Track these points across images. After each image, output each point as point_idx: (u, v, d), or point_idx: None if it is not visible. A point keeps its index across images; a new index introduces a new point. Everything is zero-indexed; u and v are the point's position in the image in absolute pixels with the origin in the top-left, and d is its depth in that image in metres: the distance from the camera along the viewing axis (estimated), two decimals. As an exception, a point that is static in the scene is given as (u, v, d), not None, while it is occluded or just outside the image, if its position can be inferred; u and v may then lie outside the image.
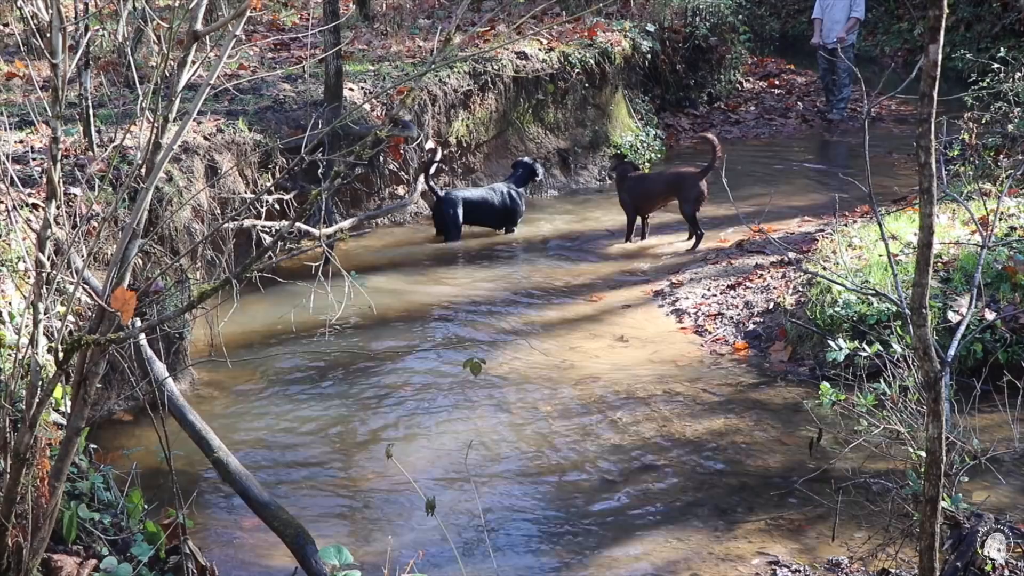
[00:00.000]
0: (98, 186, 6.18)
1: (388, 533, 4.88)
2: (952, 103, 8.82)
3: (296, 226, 3.90)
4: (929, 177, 3.06)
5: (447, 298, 7.99)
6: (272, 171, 8.49)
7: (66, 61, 3.09)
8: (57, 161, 3.12)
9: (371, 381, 6.54)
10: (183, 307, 3.17)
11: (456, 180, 10.33)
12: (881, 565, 4.51)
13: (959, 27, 15.53)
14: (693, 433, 5.88)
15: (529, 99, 10.93)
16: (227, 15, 3.00)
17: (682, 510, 5.17)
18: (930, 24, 2.98)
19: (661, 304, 7.82)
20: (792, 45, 17.63)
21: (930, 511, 3.35)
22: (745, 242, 8.88)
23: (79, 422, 3.23)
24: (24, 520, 3.28)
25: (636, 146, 11.70)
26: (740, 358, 6.87)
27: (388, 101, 9.70)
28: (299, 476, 5.50)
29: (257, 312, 7.38)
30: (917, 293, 3.19)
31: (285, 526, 4.00)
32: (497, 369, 6.65)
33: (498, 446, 5.75)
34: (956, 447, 4.31)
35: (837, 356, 5.00)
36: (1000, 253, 6.53)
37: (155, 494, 4.43)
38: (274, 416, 6.11)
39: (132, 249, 3.11)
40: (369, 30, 11.94)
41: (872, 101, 11.63)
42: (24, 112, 7.22)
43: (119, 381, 5.80)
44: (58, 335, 3.20)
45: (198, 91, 3.26)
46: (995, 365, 5.74)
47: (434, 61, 6.93)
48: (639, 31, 12.39)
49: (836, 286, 6.52)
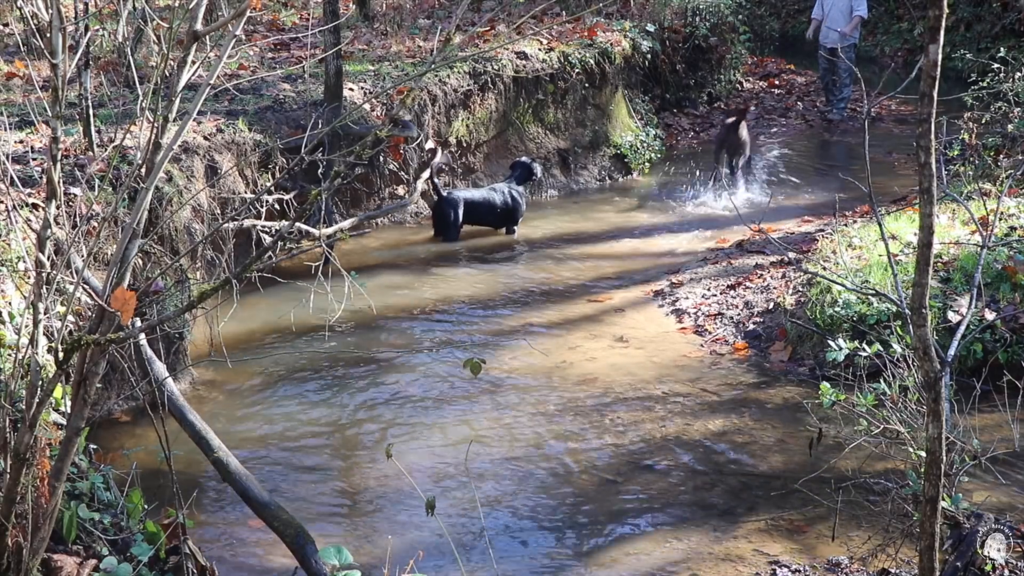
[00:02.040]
0: (98, 186, 6.18)
1: (388, 533, 4.89)
2: (952, 103, 8.83)
3: (296, 226, 3.90)
4: (929, 177, 3.06)
5: (447, 298, 7.99)
6: (272, 171, 8.49)
7: (66, 61, 3.09)
8: (57, 161, 3.12)
9: (371, 381, 6.54)
10: (183, 307, 3.17)
11: (456, 180, 10.32)
12: (881, 565, 4.52)
13: (959, 27, 15.52)
14: (693, 433, 5.89)
15: (529, 99, 10.92)
16: (227, 15, 3.00)
17: (682, 510, 5.17)
18: (930, 24, 2.98)
19: (661, 304, 7.82)
20: (792, 45, 17.60)
21: (930, 511, 3.35)
22: (745, 242, 8.87)
23: (79, 422, 3.23)
24: (24, 520, 3.28)
25: (636, 146, 11.70)
26: (740, 358, 6.87)
27: (388, 101, 9.70)
28: (299, 476, 5.50)
29: (257, 312, 7.38)
30: (917, 293, 3.19)
31: (285, 526, 4.00)
32: (497, 369, 6.65)
33: (498, 446, 5.75)
34: (956, 447, 4.31)
35: (837, 356, 4.99)
36: (1000, 253, 6.53)
37: (155, 494, 4.44)
38: (274, 416, 6.12)
39: (132, 249, 3.11)
40: (369, 30, 11.93)
41: (872, 101, 11.64)
42: (24, 112, 7.22)
43: (119, 381, 5.80)
44: (58, 335, 3.20)
45: (198, 91, 3.26)
46: (995, 365, 5.74)
47: (434, 61, 6.93)
48: (639, 31, 12.38)
49: (836, 286, 6.52)
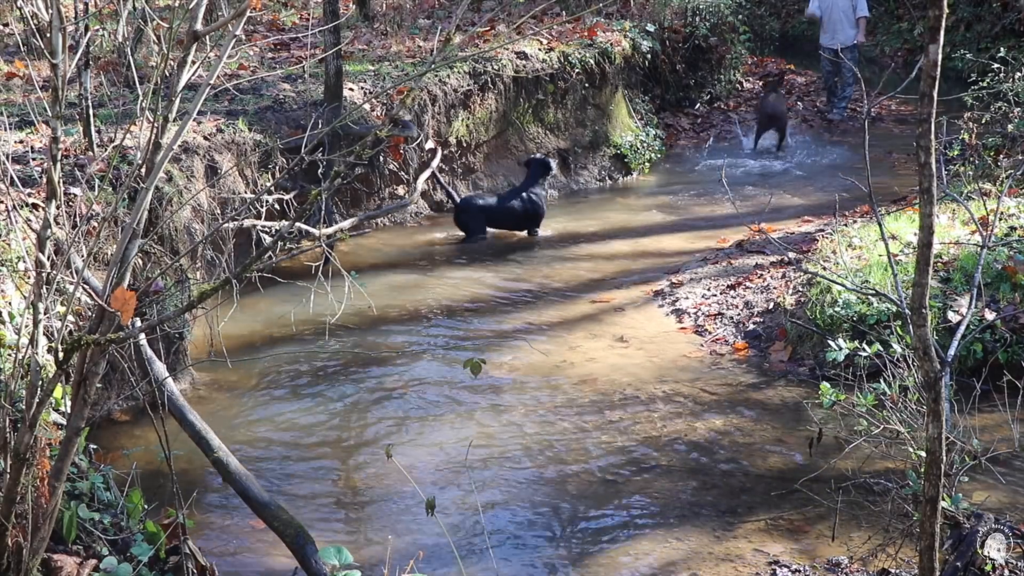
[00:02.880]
0: (98, 186, 6.18)
1: (388, 533, 4.89)
2: (952, 103, 8.83)
3: (296, 226, 3.89)
4: (929, 177, 3.06)
5: (447, 298, 7.99)
6: (272, 171, 8.49)
7: (66, 61, 3.09)
8: (57, 161, 3.12)
9: (371, 381, 6.54)
10: (183, 307, 3.17)
11: (456, 180, 10.32)
12: (881, 565, 4.52)
13: (959, 27, 15.51)
14: (693, 433, 5.89)
15: (529, 99, 10.92)
16: (227, 15, 3.00)
17: (682, 510, 5.17)
18: (930, 24, 2.98)
19: (661, 304, 7.81)
20: (792, 45, 17.61)
21: (930, 511, 3.35)
22: (745, 242, 8.87)
23: (79, 422, 3.23)
24: (24, 520, 3.28)
25: (636, 146, 11.70)
26: (740, 358, 6.86)
27: (388, 101, 9.70)
28: (299, 476, 5.50)
29: (257, 312, 7.38)
30: (917, 293, 3.19)
31: (285, 526, 4.00)
32: (497, 369, 6.65)
33: (498, 446, 5.75)
34: (956, 447, 4.31)
35: (837, 356, 4.99)
36: (1000, 253, 6.53)
37: (155, 494, 4.44)
38: (274, 416, 6.12)
39: (132, 249, 3.11)
40: (369, 30, 11.93)
41: (872, 101, 11.63)
42: (24, 112, 7.22)
43: (119, 381, 5.80)
44: (58, 335, 3.20)
45: (198, 91, 3.26)
46: (995, 365, 5.74)
47: (434, 61, 6.92)
48: (639, 31, 12.38)
49: (836, 286, 6.52)
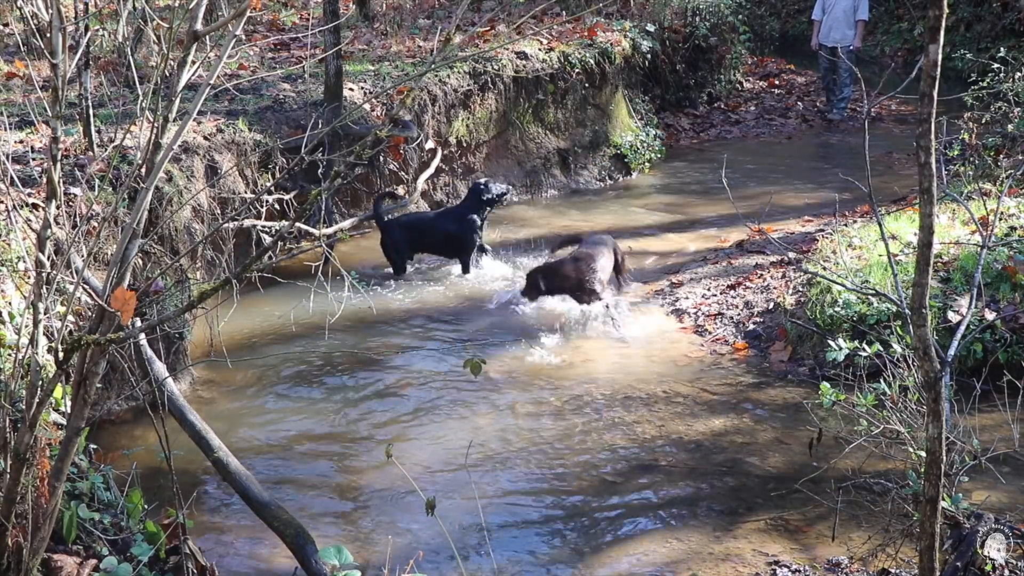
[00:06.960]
0: (98, 186, 6.18)
1: (388, 533, 4.89)
2: (952, 103, 8.83)
3: (296, 226, 3.90)
4: (929, 177, 3.06)
5: (447, 298, 7.99)
6: (272, 171, 8.49)
7: (66, 61, 3.09)
8: (57, 161, 3.12)
9: (371, 381, 6.54)
10: (183, 307, 3.17)
11: (456, 180, 10.32)
12: (881, 565, 4.52)
13: (959, 27, 15.52)
14: (693, 433, 5.89)
15: (529, 99, 10.92)
16: (227, 15, 3.00)
17: (682, 510, 5.17)
18: (930, 24, 2.98)
19: (661, 304, 7.81)
20: (792, 45, 17.62)
21: (930, 511, 3.35)
22: (745, 242, 8.87)
23: (79, 422, 3.23)
24: (24, 520, 3.28)
25: (636, 146, 11.70)
26: (740, 358, 6.86)
27: (388, 101, 9.70)
28: (299, 476, 5.50)
29: (257, 312, 7.38)
30: (917, 293, 3.19)
31: (285, 526, 4.00)
32: (497, 369, 6.65)
33: (498, 446, 5.75)
34: (956, 447, 4.31)
35: (837, 356, 4.99)
36: (1000, 253, 6.53)
37: (155, 494, 4.44)
38: (274, 416, 6.11)
39: (132, 249, 3.11)
40: (369, 30, 11.94)
41: (872, 101, 11.63)
42: (24, 112, 7.22)
43: (119, 381, 5.80)
44: (58, 335, 3.20)
45: (198, 91, 3.26)
46: (995, 365, 5.74)
47: (434, 61, 6.92)
48: (639, 31, 12.38)
49: (836, 286, 6.52)
